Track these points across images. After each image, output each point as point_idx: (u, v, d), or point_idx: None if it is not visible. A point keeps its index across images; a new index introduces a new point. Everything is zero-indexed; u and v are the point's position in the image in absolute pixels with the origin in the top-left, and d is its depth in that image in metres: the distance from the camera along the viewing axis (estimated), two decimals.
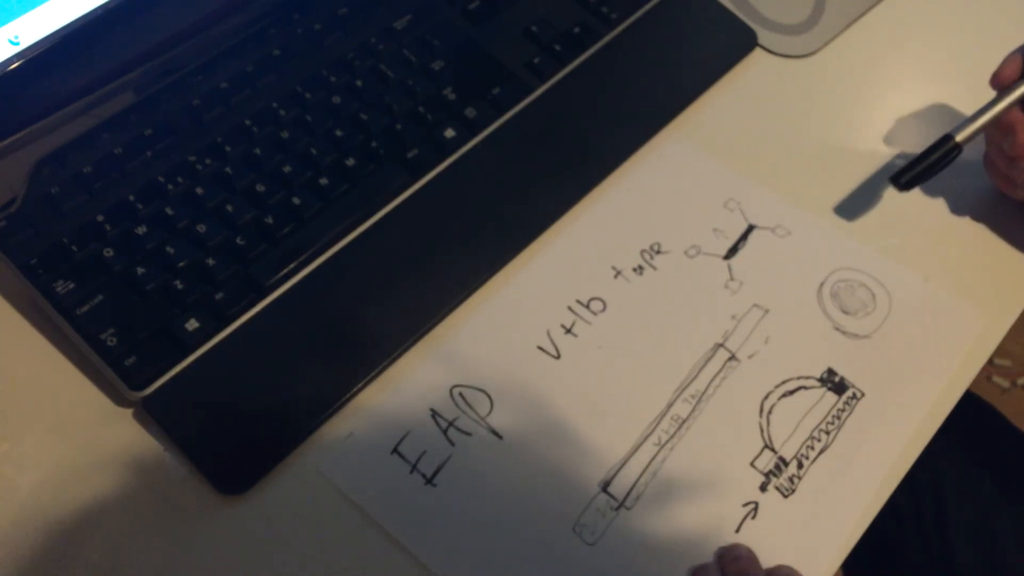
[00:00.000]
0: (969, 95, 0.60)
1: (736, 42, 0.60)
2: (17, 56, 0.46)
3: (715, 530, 0.45)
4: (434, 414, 0.47)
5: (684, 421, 0.48)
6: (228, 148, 0.52)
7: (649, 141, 0.56)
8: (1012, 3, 0.64)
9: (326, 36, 0.56)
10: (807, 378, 0.49)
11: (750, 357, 0.50)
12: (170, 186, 0.50)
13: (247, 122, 0.52)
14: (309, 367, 0.48)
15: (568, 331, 0.50)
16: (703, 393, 0.49)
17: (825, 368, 0.50)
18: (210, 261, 0.48)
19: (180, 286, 0.48)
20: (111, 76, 0.50)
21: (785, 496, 0.46)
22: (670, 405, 0.48)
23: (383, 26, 0.57)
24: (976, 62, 0.61)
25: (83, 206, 0.49)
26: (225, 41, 0.54)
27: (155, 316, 0.47)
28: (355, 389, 0.47)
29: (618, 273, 0.52)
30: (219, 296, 0.48)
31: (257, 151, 0.51)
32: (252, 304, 0.48)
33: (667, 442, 0.47)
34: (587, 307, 0.51)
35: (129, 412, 0.47)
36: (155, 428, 0.46)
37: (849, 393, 0.49)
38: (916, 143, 0.58)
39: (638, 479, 0.46)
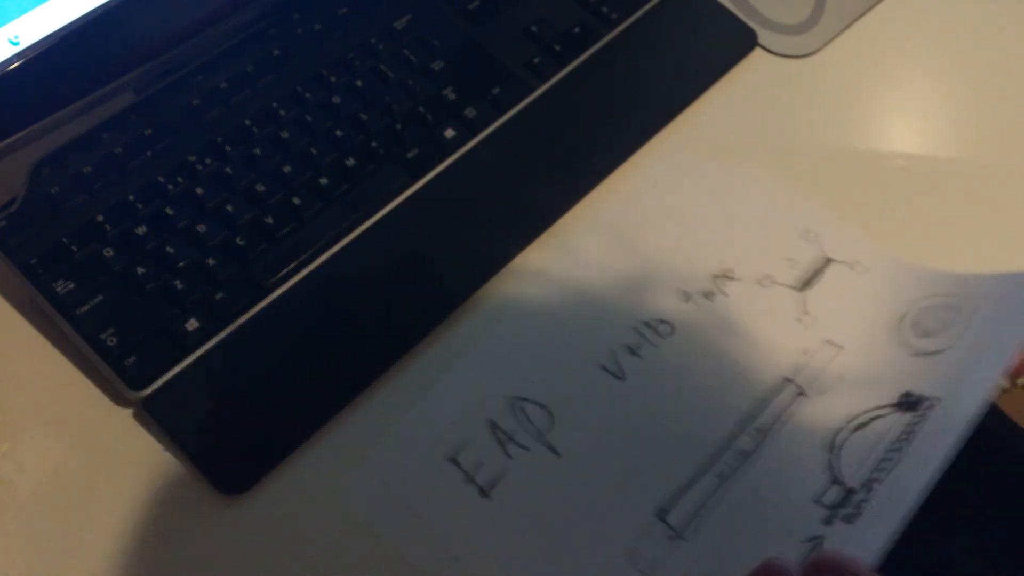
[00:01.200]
0: (969, 95, 0.60)
1: (736, 42, 0.60)
2: (17, 56, 0.46)
3: None
4: (493, 426, 0.46)
5: (748, 455, 0.46)
6: (228, 148, 0.52)
7: (649, 141, 0.56)
8: (1013, 2, 0.64)
9: (326, 36, 0.56)
10: (881, 407, 0.47)
11: (821, 394, 0.48)
12: (170, 186, 0.50)
13: (247, 122, 0.52)
14: (309, 367, 0.48)
15: (634, 352, 0.49)
16: (770, 428, 0.47)
17: (902, 392, 0.47)
18: (210, 261, 0.48)
19: (180, 286, 0.48)
20: (111, 76, 0.50)
21: (850, 523, 0.44)
22: (734, 438, 0.47)
23: (383, 26, 0.57)
24: (976, 62, 0.61)
25: (83, 206, 0.49)
26: (225, 41, 0.54)
27: (155, 316, 0.47)
28: (354, 390, 0.47)
29: (688, 297, 0.50)
30: (219, 296, 0.48)
31: (257, 151, 0.51)
32: (252, 304, 0.48)
33: (730, 476, 0.46)
34: (655, 329, 0.49)
35: (129, 412, 0.47)
36: (155, 428, 0.46)
37: (926, 404, 0.47)
38: (916, 143, 0.58)
39: (697, 510, 0.45)
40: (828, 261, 0.52)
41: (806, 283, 0.51)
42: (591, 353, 0.49)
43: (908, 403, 0.47)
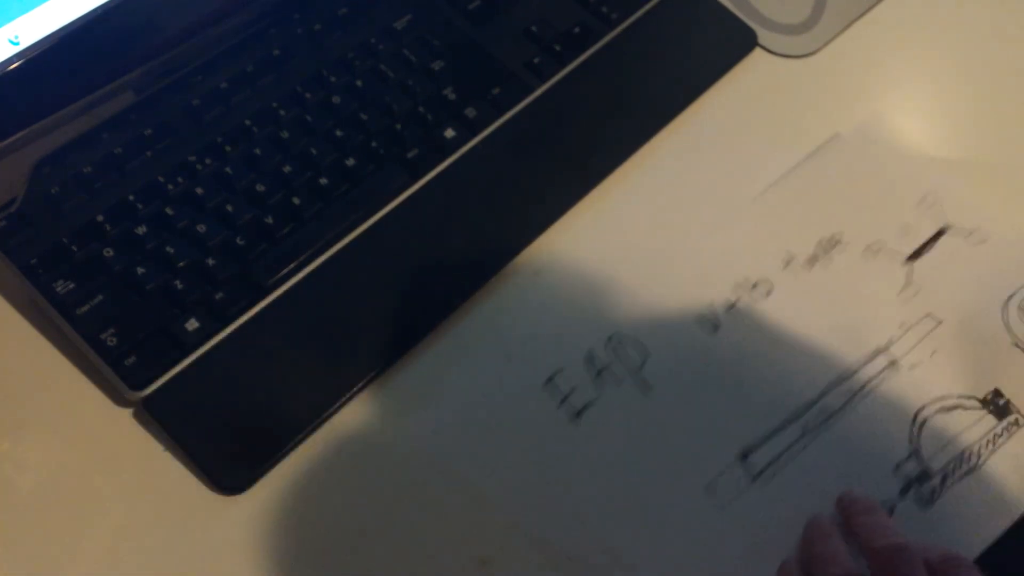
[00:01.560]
0: (969, 95, 0.60)
1: (736, 42, 0.60)
2: (17, 56, 0.46)
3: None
4: (589, 356, 0.48)
5: (834, 414, 0.47)
6: (228, 148, 0.52)
7: (649, 141, 0.56)
8: (1013, 2, 0.64)
9: (326, 36, 0.56)
10: (969, 398, 0.48)
11: (912, 368, 0.48)
12: (170, 186, 0.50)
13: (247, 122, 0.52)
14: (309, 367, 0.48)
15: (731, 308, 0.50)
16: (857, 392, 0.48)
17: (991, 389, 0.48)
18: (210, 261, 0.48)
19: (180, 286, 0.48)
20: (111, 76, 0.50)
21: (922, 507, 0.45)
22: (822, 395, 0.48)
23: (383, 26, 0.57)
24: (977, 62, 0.61)
25: (83, 206, 0.49)
26: (225, 41, 0.54)
27: (155, 316, 0.47)
28: (354, 389, 0.47)
29: (790, 260, 0.51)
30: (219, 296, 0.48)
31: (257, 151, 0.51)
32: (252, 304, 0.48)
33: (813, 430, 0.47)
34: (754, 288, 0.50)
35: (129, 412, 0.47)
36: (155, 428, 0.46)
37: (1011, 419, 0.47)
38: (917, 143, 0.58)
39: (777, 457, 0.46)
40: (944, 228, 0.51)
41: (916, 252, 0.51)
42: (689, 303, 0.50)
43: (996, 407, 0.47)
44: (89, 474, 0.45)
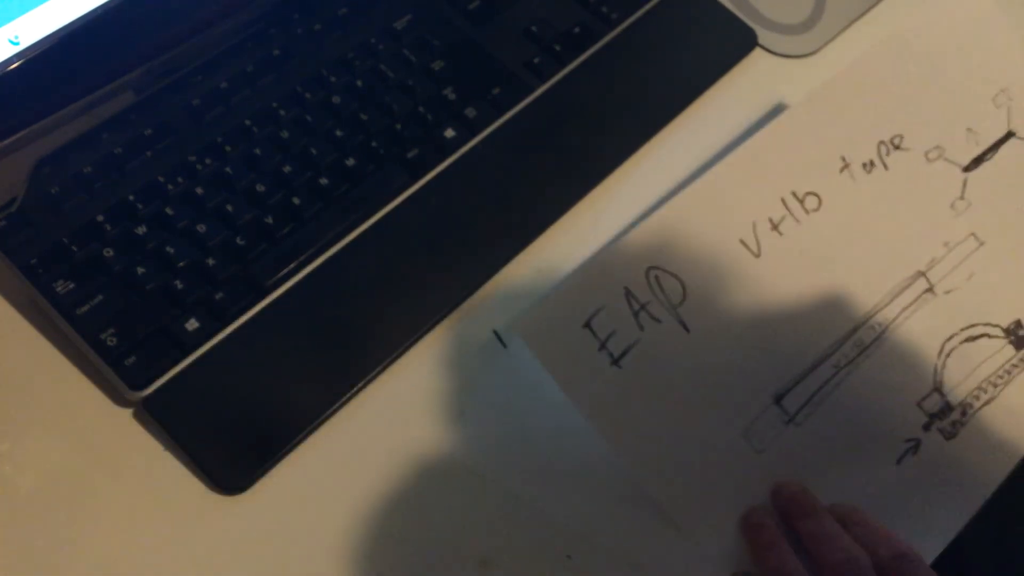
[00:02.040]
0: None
1: (736, 42, 0.60)
2: (17, 56, 0.46)
3: (877, 458, 0.46)
4: (628, 294, 0.45)
5: (866, 348, 0.47)
6: (228, 148, 0.52)
7: (650, 140, 0.56)
8: (1013, 2, 0.64)
9: (326, 36, 0.56)
10: (994, 326, 0.48)
11: (947, 293, 0.48)
12: (170, 186, 0.50)
13: (247, 122, 0.52)
14: (309, 367, 0.48)
15: (775, 227, 0.47)
16: (891, 322, 0.47)
17: (1015, 320, 0.48)
18: (210, 261, 0.48)
19: (180, 286, 0.48)
20: (111, 76, 0.50)
21: (947, 439, 0.46)
22: (856, 329, 0.47)
23: (383, 26, 0.57)
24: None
25: (83, 206, 0.49)
26: (225, 41, 0.54)
27: (155, 316, 0.47)
28: (354, 389, 0.47)
29: (845, 166, 0.48)
30: (219, 296, 0.48)
31: (257, 151, 0.51)
32: (252, 304, 0.48)
33: (845, 366, 0.47)
34: (801, 202, 0.47)
35: (129, 412, 0.47)
36: (155, 428, 0.46)
37: None
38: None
39: (811, 398, 0.46)
40: (1009, 135, 0.49)
41: (976, 160, 0.49)
42: (732, 226, 0.47)
43: (1016, 337, 0.47)
44: (89, 474, 0.45)
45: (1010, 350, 0.47)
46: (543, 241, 0.52)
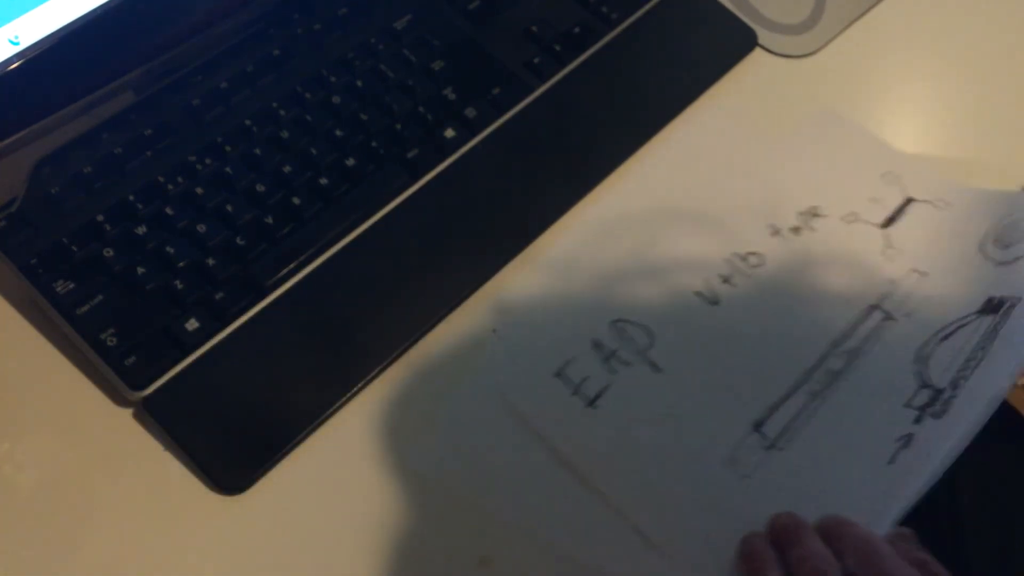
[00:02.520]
0: (969, 95, 0.60)
1: (736, 42, 0.60)
2: (17, 56, 0.46)
3: (870, 465, 0.46)
4: (596, 344, 0.48)
5: (839, 374, 0.48)
6: (228, 148, 0.52)
7: (649, 141, 0.56)
8: (1012, 3, 0.64)
9: (326, 36, 0.56)
10: (964, 317, 0.49)
11: (907, 315, 0.50)
12: (170, 186, 0.50)
13: (247, 122, 0.52)
14: (309, 367, 0.48)
15: (727, 281, 0.51)
16: (859, 349, 0.49)
17: (985, 299, 0.49)
18: (210, 261, 0.48)
19: (180, 286, 0.48)
20: (111, 76, 0.50)
21: (938, 418, 0.46)
22: (823, 358, 0.49)
23: (383, 26, 0.57)
24: (976, 62, 0.61)
25: (83, 206, 0.49)
26: (225, 41, 0.54)
27: (155, 316, 0.47)
28: (354, 389, 0.47)
29: (777, 231, 0.53)
30: (219, 296, 0.48)
31: (257, 151, 0.51)
32: (252, 304, 0.48)
33: (821, 393, 0.48)
34: (746, 260, 0.51)
35: (129, 412, 0.47)
36: (155, 428, 0.46)
37: (1007, 304, 0.49)
38: (916, 143, 0.58)
39: (791, 422, 0.47)
40: (909, 200, 0.53)
41: (889, 220, 0.53)
42: (686, 281, 0.51)
43: (991, 307, 0.49)
44: (89, 474, 0.45)
45: (987, 319, 0.49)
46: (543, 241, 0.52)
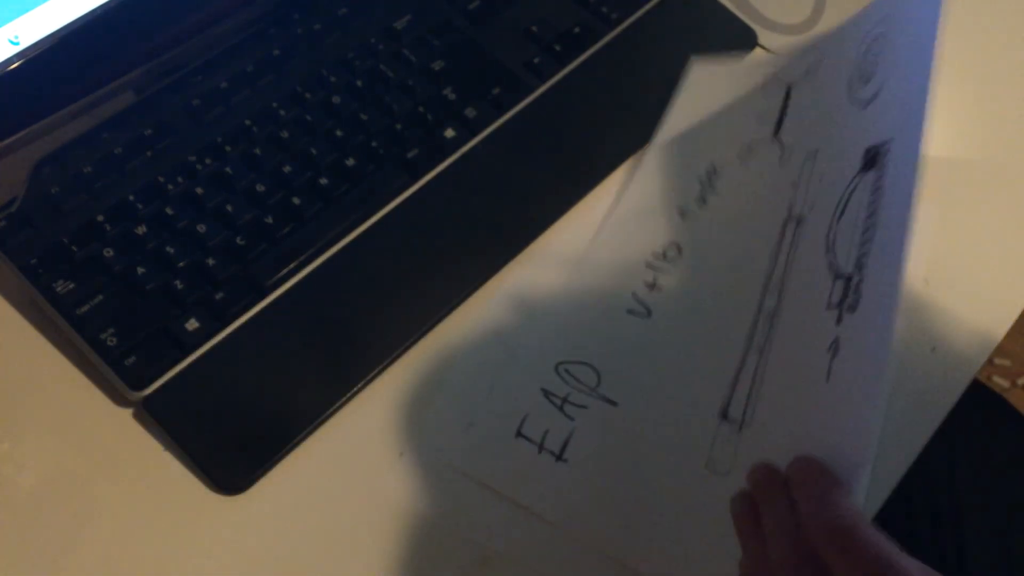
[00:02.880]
0: (969, 95, 0.60)
1: (736, 42, 0.60)
2: (17, 56, 0.46)
3: (820, 390, 0.41)
4: (546, 393, 0.48)
5: (776, 312, 0.47)
6: (228, 148, 0.52)
7: (650, 141, 0.56)
8: (1012, 3, 0.64)
9: (326, 36, 0.56)
10: (851, 180, 0.45)
11: (812, 208, 0.48)
12: (170, 186, 0.50)
13: (247, 122, 0.52)
14: (309, 367, 0.48)
15: (652, 287, 0.50)
16: (784, 274, 0.48)
17: (863, 152, 0.44)
18: (210, 261, 0.48)
19: (180, 286, 0.48)
20: (111, 76, 0.50)
21: (854, 311, 0.41)
22: (761, 303, 0.48)
23: (383, 26, 0.57)
24: (976, 62, 0.61)
25: (83, 206, 0.49)
26: (225, 41, 0.54)
27: (155, 316, 0.47)
28: (354, 389, 0.47)
29: (685, 212, 0.52)
30: (219, 296, 0.48)
31: (257, 151, 0.51)
32: (252, 304, 0.48)
33: (766, 343, 0.47)
34: (664, 258, 0.51)
35: (129, 412, 0.47)
36: (155, 428, 0.46)
37: (883, 151, 0.44)
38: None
39: (749, 392, 0.46)
40: (788, 89, 0.52)
41: (778, 124, 0.52)
42: (615, 303, 0.50)
43: (870, 160, 0.44)
44: (89, 474, 0.45)
45: (870, 176, 0.43)
46: (543, 241, 0.52)
